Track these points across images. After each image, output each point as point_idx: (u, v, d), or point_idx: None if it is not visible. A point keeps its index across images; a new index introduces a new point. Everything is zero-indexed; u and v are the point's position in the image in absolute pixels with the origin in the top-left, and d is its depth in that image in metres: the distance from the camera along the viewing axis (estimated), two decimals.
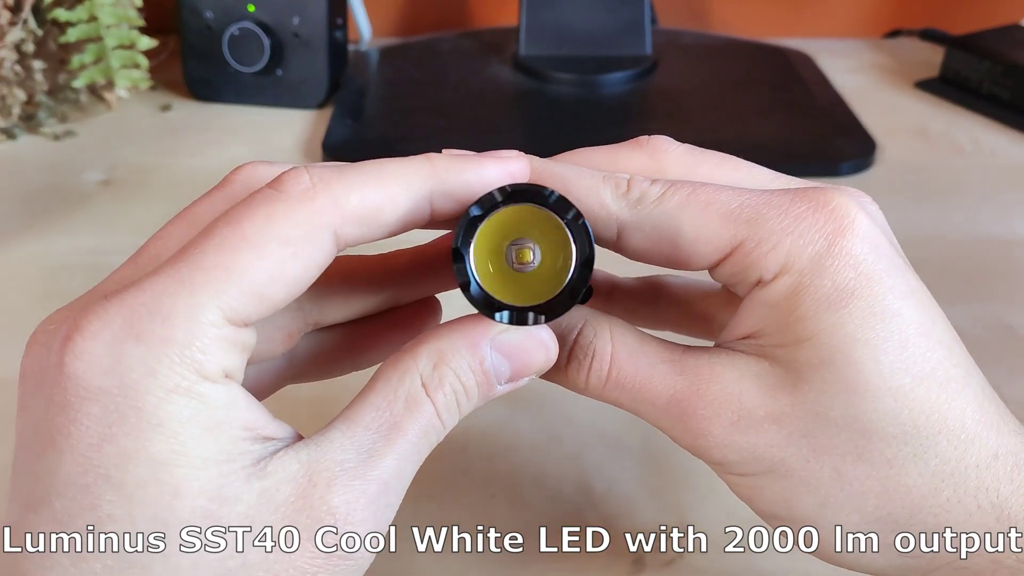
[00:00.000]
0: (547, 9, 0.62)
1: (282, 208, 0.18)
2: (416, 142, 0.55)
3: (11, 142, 0.56)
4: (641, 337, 0.22)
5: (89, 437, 0.17)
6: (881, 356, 0.20)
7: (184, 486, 0.17)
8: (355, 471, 0.19)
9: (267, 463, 0.18)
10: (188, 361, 0.17)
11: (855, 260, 0.20)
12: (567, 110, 0.58)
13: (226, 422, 0.18)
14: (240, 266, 0.17)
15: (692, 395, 0.21)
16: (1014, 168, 0.54)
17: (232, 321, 0.18)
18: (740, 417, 0.21)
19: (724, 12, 0.75)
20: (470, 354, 0.20)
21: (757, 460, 0.21)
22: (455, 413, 0.20)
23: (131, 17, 0.56)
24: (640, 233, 0.21)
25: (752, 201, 0.20)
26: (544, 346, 0.21)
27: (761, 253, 0.20)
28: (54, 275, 0.44)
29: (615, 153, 0.23)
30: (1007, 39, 0.62)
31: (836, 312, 0.20)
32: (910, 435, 0.20)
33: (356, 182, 0.19)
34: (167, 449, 0.17)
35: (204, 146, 0.56)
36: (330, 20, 0.58)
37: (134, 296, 0.17)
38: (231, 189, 0.21)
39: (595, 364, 0.22)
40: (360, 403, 0.20)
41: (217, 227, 0.18)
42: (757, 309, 0.21)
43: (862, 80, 0.65)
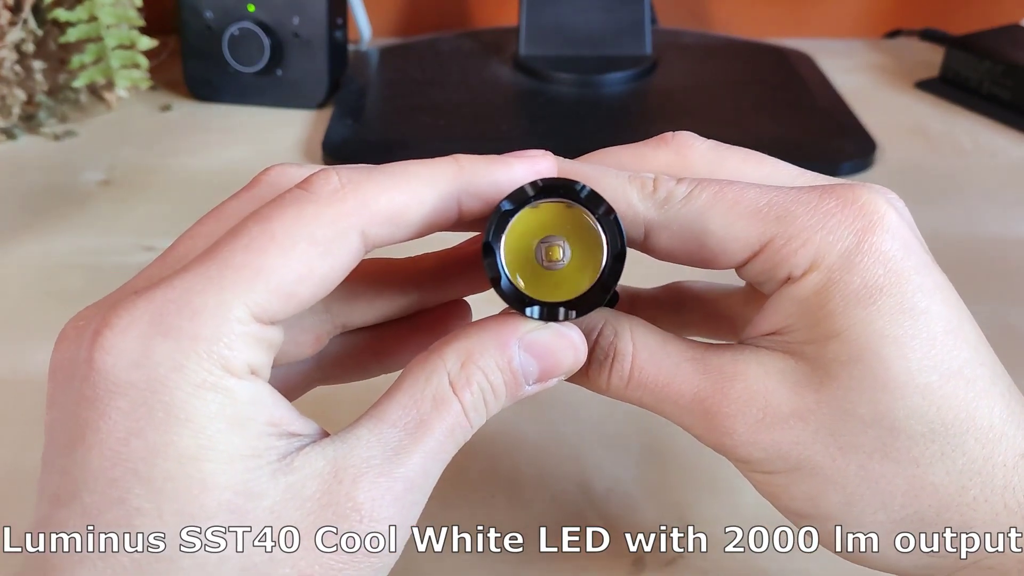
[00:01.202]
0: (547, 9, 0.62)
1: (311, 208, 0.18)
2: (416, 142, 0.55)
3: (11, 142, 0.56)
4: (662, 336, 0.22)
5: (117, 431, 0.17)
6: (909, 353, 0.20)
7: (211, 480, 0.17)
8: (381, 468, 0.19)
9: (293, 459, 0.18)
10: (215, 357, 0.17)
11: (884, 257, 0.20)
12: (567, 110, 0.58)
13: (252, 418, 0.18)
14: (268, 264, 0.18)
15: (716, 393, 0.21)
16: (1014, 168, 0.54)
17: (259, 318, 0.18)
18: (765, 415, 0.20)
19: (724, 12, 0.75)
20: (498, 353, 0.20)
21: (782, 458, 0.21)
22: (483, 412, 0.20)
23: (131, 17, 0.56)
24: (668, 232, 0.21)
25: (780, 198, 0.20)
26: (573, 346, 0.21)
27: (791, 250, 0.20)
28: (54, 275, 0.44)
29: (640, 151, 0.23)
30: (1007, 39, 0.62)
31: (865, 308, 0.20)
32: (937, 433, 0.20)
33: (384, 183, 0.19)
34: (194, 444, 0.17)
35: (204, 146, 0.56)
36: (330, 20, 0.58)
37: (163, 293, 0.17)
38: (259, 190, 0.21)
39: (616, 365, 0.22)
40: (387, 401, 0.20)
41: (246, 225, 0.18)
42: (784, 305, 0.21)
43: (862, 80, 0.65)
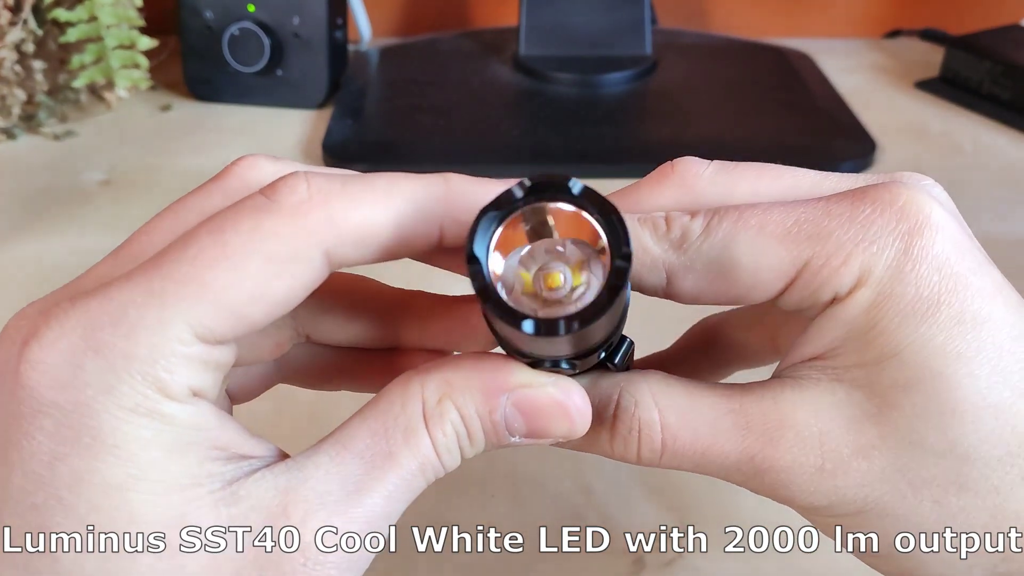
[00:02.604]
0: (547, 9, 0.62)
1: (271, 221, 0.16)
2: (416, 142, 0.55)
3: (11, 142, 0.56)
4: (689, 392, 0.20)
5: (41, 454, 0.16)
6: (976, 370, 0.17)
7: (141, 514, 0.16)
8: (336, 506, 0.17)
9: (240, 486, 0.17)
10: (150, 379, 0.16)
11: (938, 261, 0.18)
12: (567, 110, 0.58)
13: (193, 443, 0.16)
14: (217, 282, 0.16)
15: (765, 447, 0.19)
16: (1014, 168, 0.54)
17: (203, 339, 0.16)
18: (825, 461, 0.18)
19: (724, 12, 0.75)
20: (482, 399, 0.18)
21: (848, 503, 0.19)
22: (455, 455, 0.18)
23: (131, 17, 0.56)
24: (692, 275, 0.19)
25: (809, 214, 0.18)
26: (568, 415, 0.18)
27: (832, 269, 0.18)
28: (54, 275, 0.44)
29: (641, 192, 0.20)
30: (1007, 39, 0.62)
31: (922, 323, 0.17)
32: (1015, 455, 0.18)
33: (358, 197, 0.17)
34: (123, 473, 0.16)
35: (204, 146, 0.56)
36: (330, 20, 0.58)
37: (99, 303, 0.16)
38: (228, 183, 0.19)
39: (644, 437, 0.19)
40: (357, 424, 0.18)
41: (198, 235, 0.17)
42: (830, 327, 0.18)
43: (862, 80, 0.65)
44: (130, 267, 0.17)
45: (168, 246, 0.17)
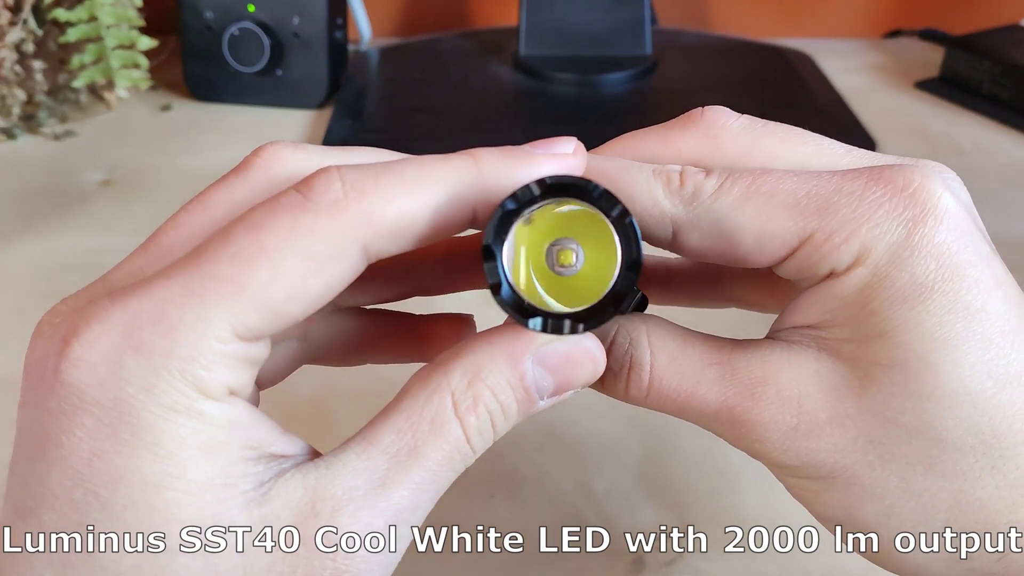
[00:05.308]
0: (547, 9, 0.62)
1: (308, 219, 0.17)
2: (416, 142, 0.55)
3: (11, 142, 0.56)
4: (682, 338, 0.20)
5: (80, 450, 0.16)
6: (961, 357, 0.18)
7: (175, 512, 0.16)
8: (363, 500, 0.17)
9: (271, 486, 0.17)
10: (189, 377, 0.16)
11: (937, 250, 0.18)
12: (567, 110, 0.58)
13: (228, 442, 0.17)
14: (256, 280, 0.16)
15: (745, 400, 0.19)
16: (1014, 168, 0.54)
17: (242, 336, 0.16)
18: (800, 422, 0.19)
19: (724, 12, 0.75)
20: (510, 369, 0.18)
21: (817, 466, 0.19)
22: (488, 436, 0.18)
23: (131, 17, 0.56)
24: (697, 232, 0.19)
25: (821, 188, 0.18)
26: (592, 358, 0.19)
27: (833, 245, 0.18)
28: (54, 275, 0.44)
29: (667, 134, 0.21)
30: (1007, 39, 0.62)
31: (913, 308, 0.18)
32: (989, 445, 0.18)
33: (393, 189, 0.17)
34: (160, 471, 0.16)
35: (204, 146, 0.56)
36: (330, 20, 0.58)
37: (138, 301, 0.16)
38: (250, 176, 0.19)
39: (634, 375, 0.20)
40: (382, 421, 0.18)
41: (235, 232, 0.17)
42: (824, 299, 0.19)
43: (862, 80, 0.65)
44: (162, 263, 0.17)
45: (204, 243, 0.17)
